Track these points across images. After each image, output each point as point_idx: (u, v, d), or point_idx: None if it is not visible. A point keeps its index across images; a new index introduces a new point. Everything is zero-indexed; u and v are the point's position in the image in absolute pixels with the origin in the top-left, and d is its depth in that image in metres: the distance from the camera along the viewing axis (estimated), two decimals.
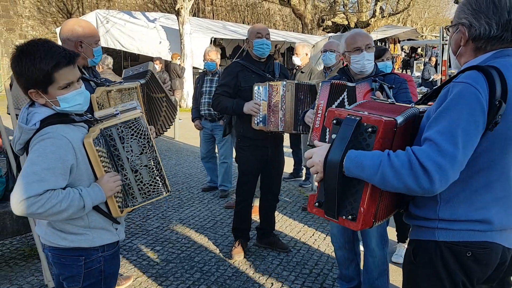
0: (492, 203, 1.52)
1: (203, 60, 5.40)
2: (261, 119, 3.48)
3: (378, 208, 1.55)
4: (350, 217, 1.52)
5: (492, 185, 1.52)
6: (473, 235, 1.52)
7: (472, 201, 1.51)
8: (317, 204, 1.60)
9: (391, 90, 2.57)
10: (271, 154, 3.71)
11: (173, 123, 3.21)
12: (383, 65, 3.66)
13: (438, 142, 1.37)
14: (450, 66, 12.38)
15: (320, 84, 2.78)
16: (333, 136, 1.54)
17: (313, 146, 1.74)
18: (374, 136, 1.47)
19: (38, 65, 1.68)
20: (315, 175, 1.59)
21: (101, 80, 2.75)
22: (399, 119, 1.53)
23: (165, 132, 3.19)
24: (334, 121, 1.55)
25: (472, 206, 1.51)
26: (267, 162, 3.74)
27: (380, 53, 3.69)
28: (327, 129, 2.50)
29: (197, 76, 5.66)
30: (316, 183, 1.71)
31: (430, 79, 12.88)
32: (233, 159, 4.81)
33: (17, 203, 1.63)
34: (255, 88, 3.47)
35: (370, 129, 1.47)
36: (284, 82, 3.40)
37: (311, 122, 2.84)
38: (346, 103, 2.62)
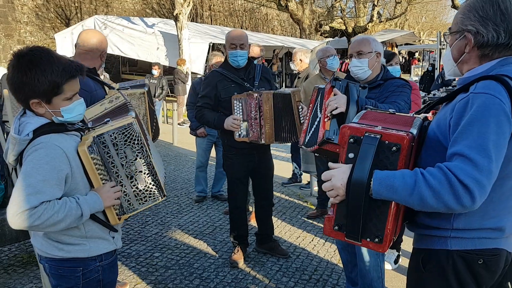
0: (505, 212, 1.53)
1: (211, 65, 5.12)
2: (242, 131, 3.46)
3: (397, 224, 1.52)
4: (376, 239, 1.46)
5: (506, 194, 1.52)
6: (484, 242, 1.53)
7: (486, 210, 1.51)
8: (336, 227, 1.51)
9: (365, 90, 2.56)
10: (257, 161, 3.70)
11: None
12: (392, 69, 3.56)
13: (473, 157, 1.34)
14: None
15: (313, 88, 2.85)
16: (350, 155, 1.48)
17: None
18: (398, 155, 1.42)
19: (49, 76, 1.67)
20: (333, 198, 1.52)
21: (110, 85, 2.99)
22: (414, 131, 1.49)
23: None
24: (351, 140, 1.48)
25: (486, 215, 1.51)
26: (255, 169, 3.75)
27: (388, 58, 3.62)
28: (310, 131, 2.62)
29: (195, 81, 5.43)
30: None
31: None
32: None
33: (13, 217, 1.61)
34: (234, 101, 3.43)
35: (394, 148, 1.42)
36: (261, 94, 3.37)
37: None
38: (318, 105, 2.64)
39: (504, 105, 1.39)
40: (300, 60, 5.35)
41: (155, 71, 10.55)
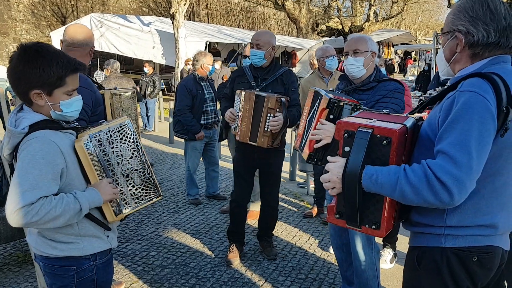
0: (498, 208, 1.54)
1: (208, 64, 5.12)
2: (235, 125, 3.58)
3: (396, 211, 1.58)
4: (374, 226, 1.55)
5: (498, 191, 1.53)
6: (478, 239, 1.54)
7: (478, 207, 1.52)
8: (337, 215, 1.62)
9: (355, 111, 2.44)
10: (258, 158, 3.71)
11: None
12: None
13: (452, 154, 1.37)
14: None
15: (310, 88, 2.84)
16: (346, 149, 1.56)
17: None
18: (390, 148, 1.49)
19: (55, 67, 1.70)
20: (330, 190, 1.62)
21: (101, 85, 3.02)
22: (408, 123, 1.55)
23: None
24: (346, 135, 1.56)
25: (479, 212, 1.52)
26: (259, 167, 3.82)
27: None
28: (305, 136, 2.65)
29: (185, 81, 5.20)
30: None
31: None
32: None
33: (11, 214, 1.61)
34: (236, 96, 3.58)
35: (385, 141, 1.49)
36: (244, 92, 3.46)
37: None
38: (313, 113, 2.60)
39: (488, 102, 1.41)
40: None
41: (146, 69, 10.49)
